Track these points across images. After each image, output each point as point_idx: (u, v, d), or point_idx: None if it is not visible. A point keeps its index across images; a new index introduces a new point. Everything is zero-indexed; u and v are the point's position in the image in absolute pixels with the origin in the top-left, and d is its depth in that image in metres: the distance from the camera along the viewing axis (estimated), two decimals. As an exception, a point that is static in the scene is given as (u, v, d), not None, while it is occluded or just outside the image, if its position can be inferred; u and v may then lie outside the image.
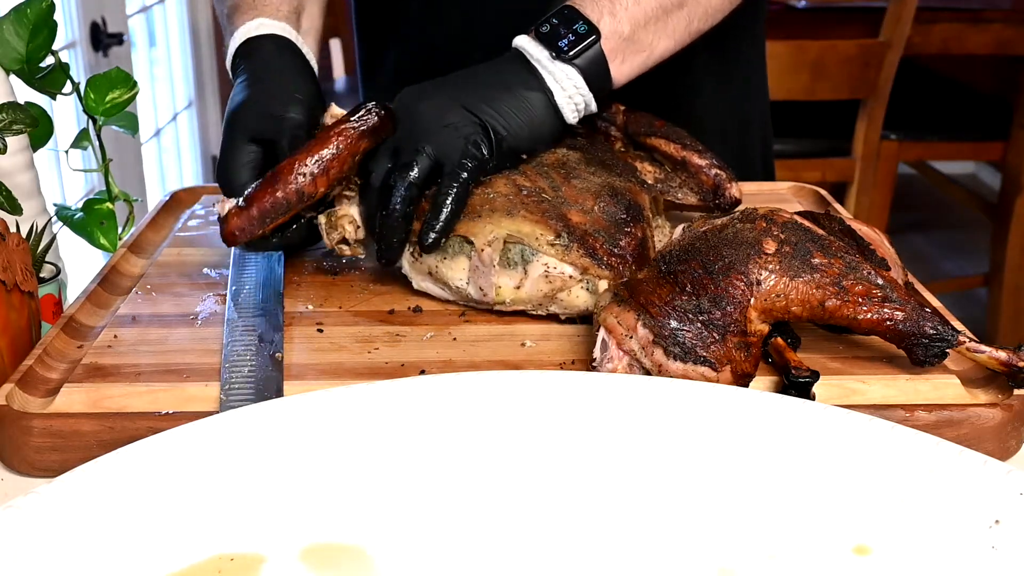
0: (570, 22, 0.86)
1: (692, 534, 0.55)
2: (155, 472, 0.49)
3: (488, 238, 0.79)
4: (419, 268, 0.83)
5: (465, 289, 0.81)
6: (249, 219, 0.80)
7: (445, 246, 0.80)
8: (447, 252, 0.81)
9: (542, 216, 0.79)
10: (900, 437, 0.58)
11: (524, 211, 0.79)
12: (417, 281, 0.84)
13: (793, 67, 2.44)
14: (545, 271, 0.78)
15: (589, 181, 0.84)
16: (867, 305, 0.69)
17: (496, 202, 0.81)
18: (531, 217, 0.79)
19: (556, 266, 0.78)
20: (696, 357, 0.67)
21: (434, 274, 0.82)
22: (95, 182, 1.87)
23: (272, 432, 0.57)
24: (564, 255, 0.78)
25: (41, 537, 0.50)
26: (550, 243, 0.78)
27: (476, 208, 0.80)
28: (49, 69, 0.94)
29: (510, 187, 0.82)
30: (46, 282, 0.85)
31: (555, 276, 0.78)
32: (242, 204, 0.81)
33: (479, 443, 0.60)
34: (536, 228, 0.78)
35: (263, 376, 0.70)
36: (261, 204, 0.80)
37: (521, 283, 0.79)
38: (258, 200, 0.80)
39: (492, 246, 0.79)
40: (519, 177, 0.83)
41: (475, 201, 0.81)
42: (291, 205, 0.81)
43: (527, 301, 0.80)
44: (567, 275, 0.78)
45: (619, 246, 0.79)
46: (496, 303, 0.80)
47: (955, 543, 0.52)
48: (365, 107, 0.82)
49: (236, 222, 0.80)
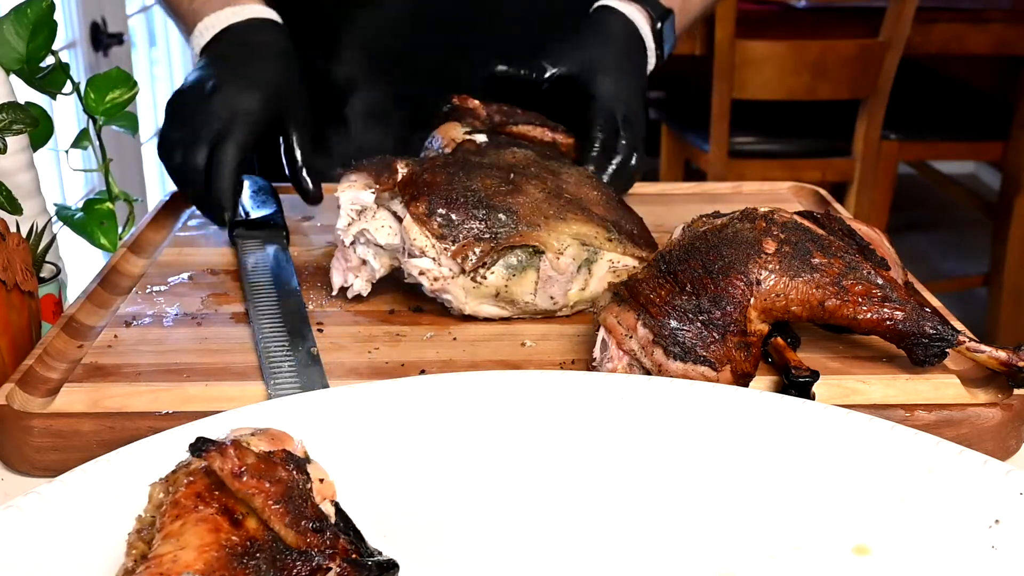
0: (672, 31, 1.06)
1: (692, 533, 0.55)
2: (155, 472, 0.49)
3: (560, 246, 0.78)
4: (480, 292, 0.78)
5: (533, 302, 0.79)
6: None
7: (510, 263, 0.77)
8: (514, 269, 0.77)
9: (586, 216, 0.80)
10: (900, 437, 0.58)
11: (570, 214, 0.80)
12: (472, 306, 0.79)
13: (793, 67, 2.44)
14: (611, 267, 0.80)
15: (570, 174, 0.85)
16: (867, 305, 0.69)
17: (542, 208, 0.79)
18: (580, 218, 0.80)
19: (619, 260, 0.80)
20: (696, 357, 0.67)
21: (501, 294, 0.78)
22: (95, 182, 1.87)
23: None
24: (624, 249, 0.80)
25: (41, 537, 0.50)
26: (608, 239, 0.80)
27: (529, 217, 0.78)
28: (49, 69, 0.93)
29: (539, 191, 0.81)
30: (46, 282, 0.85)
31: (621, 270, 0.80)
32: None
33: (479, 443, 0.60)
34: (592, 228, 0.80)
35: (304, 370, 0.71)
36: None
37: (587, 284, 0.80)
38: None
39: (567, 253, 0.78)
40: (537, 183, 0.82)
41: (524, 211, 0.78)
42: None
43: (589, 299, 0.81)
44: (631, 267, 0.80)
45: (640, 227, 0.83)
46: (559, 309, 0.81)
47: (955, 543, 0.52)
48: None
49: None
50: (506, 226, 0.77)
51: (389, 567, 0.48)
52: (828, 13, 2.73)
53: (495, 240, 0.76)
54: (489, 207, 0.77)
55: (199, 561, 0.42)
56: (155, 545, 0.44)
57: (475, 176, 0.80)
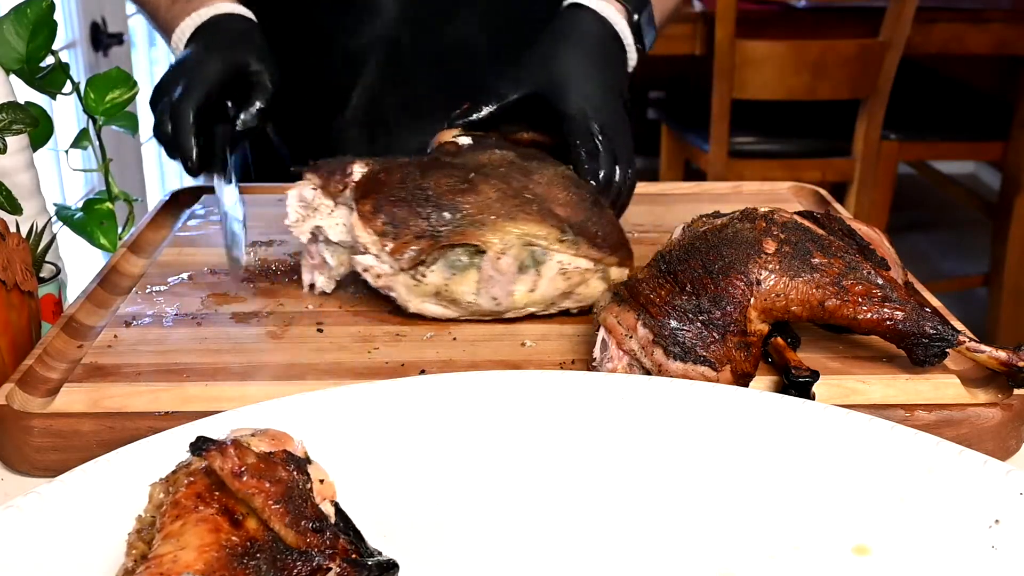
0: (650, 20, 1.01)
1: (692, 533, 0.55)
2: (155, 472, 0.49)
3: (503, 245, 0.77)
4: (421, 290, 0.78)
5: (476, 303, 0.78)
6: None
7: (451, 261, 0.77)
8: (454, 267, 0.77)
9: (540, 216, 0.78)
10: (900, 437, 0.58)
11: (522, 213, 0.78)
12: (415, 304, 0.79)
13: (793, 67, 2.44)
14: (561, 268, 0.78)
15: (544, 174, 0.82)
16: (867, 305, 0.69)
17: (493, 208, 0.78)
18: (532, 218, 0.78)
19: (571, 262, 0.78)
20: (696, 357, 0.67)
21: (442, 293, 0.78)
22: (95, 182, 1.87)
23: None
24: (576, 250, 0.78)
25: (41, 537, 0.50)
26: (560, 240, 0.78)
27: (475, 216, 0.77)
28: (49, 69, 0.94)
29: (495, 191, 0.79)
30: (46, 282, 0.85)
31: (572, 272, 0.78)
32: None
33: (479, 443, 0.60)
34: (542, 228, 0.78)
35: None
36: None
37: (535, 285, 0.78)
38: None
39: (509, 252, 0.77)
40: (497, 181, 0.80)
41: (471, 210, 0.77)
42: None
43: (540, 302, 0.79)
44: (583, 268, 0.78)
45: (607, 229, 0.80)
46: (506, 311, 0.79)
47: (955, 543, 0.52)
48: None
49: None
50: (449, 224, 0.76)
51: (389, 567, 0.48)
52: (828, 13, 2.73)
53: (436, 238, 0.76)
54: (435, 205, 0.77)
55: (199, 561, 0.42)
56: (155, 545, 0.44)
57: (431, 175, 0.79)
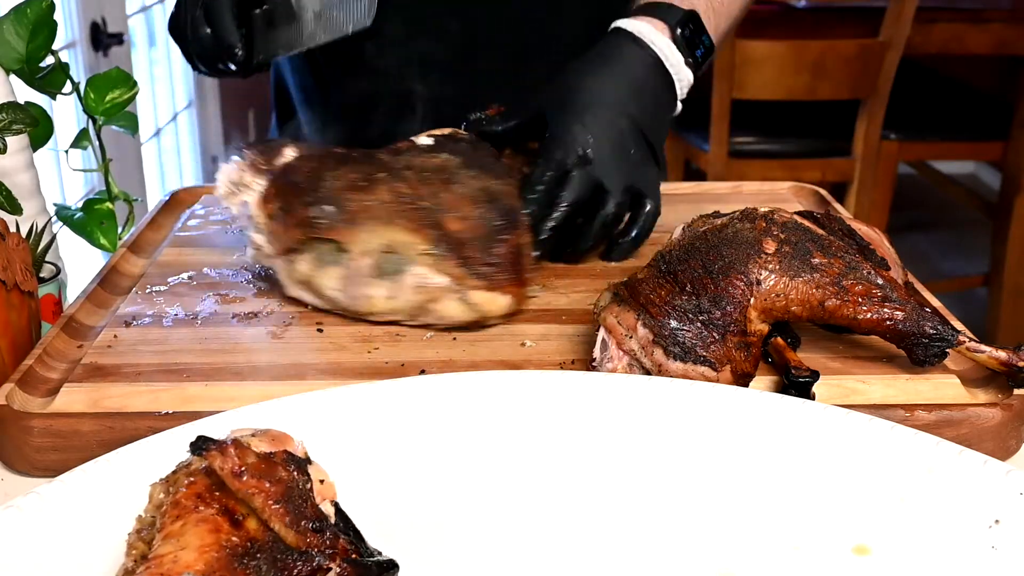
0: (699, 32, 0.97)
1: (692, 534, 0.55)
2: (155, 472, 0.49)
3: (364, 247, 0.77)
4: (294, 276, 0.80)
5: (338, 299, 0.79)
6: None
7: (320, 254, 0.78)
8: (322, 261, 0.78)
9: (419, 225, 0.77)
10: (900, 437, 0.58)
11: (401, 219, 0.77)
12: (292, 289, 0.81)
13: (793, 67, 2.44)
14: (418, 282, 0.77)
15: (468, 186, 0.81)
16: (867, 305, 0.69)
17: (374, 210, 0.78)
18: (408, 226, 0.77)
19: (430, 277, 0.77)
20: (696, 357, 0.67)
21: (311, 283, 0.79)
22: (95, 182, 1.87)
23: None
24: (438, 265, 0.76)
25: (41, 537, 0.50)
26: (424, 253, 0.76)
27: (353, 215, 0.77)
28: (49, 69, 0.94)
29: (391, 194, 0.79)
30: (46, 282, 0.85)
31: (428, 287, 0.77)
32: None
33: (479, 443, 0.60)
34: (412, 237, 0.77)
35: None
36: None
37: (395, 293, 0.77)
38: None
39: (367, 256, 0.77)
40: (400, 184, 0.80)
41: (353, 208, 0.78)
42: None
43: (401, 311, 0.78)
44: (440, 286, 0.77)
45: (494, 254, 0.77)
46: (368, 313, 0.79)
47: (955, 543, 0.52)
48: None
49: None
50: (326, 218, 0.78)
51: (389, 567, 0.48)
52: (828, 13, 2.73)
53: (309, 229, 0.78)
54: (323, 199, 0.79)
55: (199, 561, 0.42)
56: (155, 545, 0.44)
57: (343, 169, 0.81)
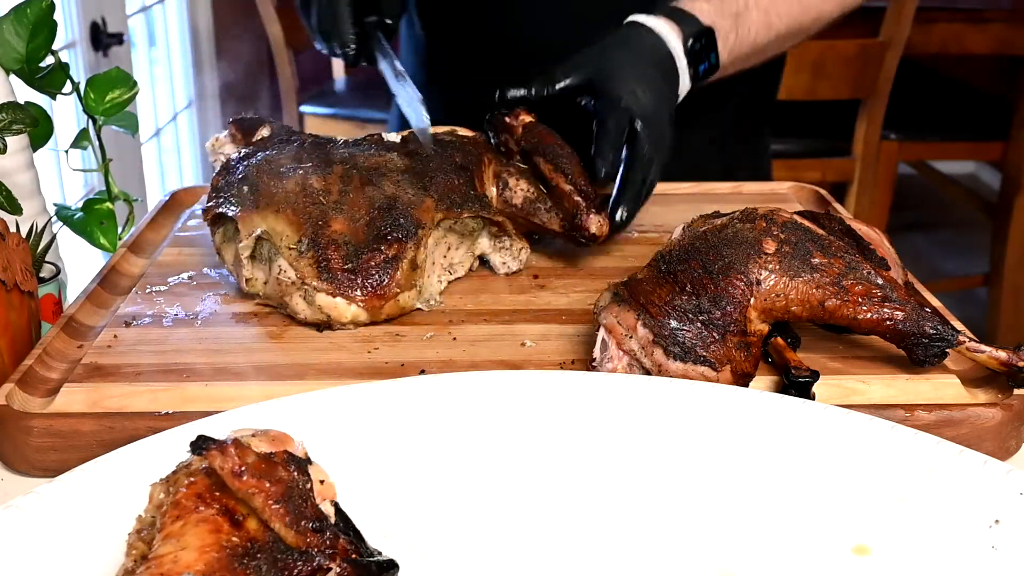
0: (709, 49, 1.00)
1: (692, 533, 0.55)
2: (155, 472, 0.49)
3: (248, 230, 0.80)
4: (215, 242, 0.86)
5: (234, 272, 0.84)
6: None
7: (229, 232, 0.84)
8: (226, 236, 0.84)
9: (303, 219, 0.79)
10: (900, 437, 0.58)
11: (292, 211, 0.80)
12: (222, 255, 0.87)
13: (793, 67, 2.44)
14: (278, 272, 0.79)
15: (381, 191, 0.82)
16: (867, 305, 0.69)
17: (277, 197, 0.81)
18: (291, 218, 0.80)
19: (286, 269, 0.78)
20: (696, 357, 0.67)
21: (222, 253, 0.85)
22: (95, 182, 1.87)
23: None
24: (295, 260, 0.78)
25: (41, 537, 0.50)
26: (290, 246, 0.78)
27: (257, 200, 0.81)
28: (49, 69, 0.93)
29: (299, 185, 0.82)
30: (46, 282, 0.85)
31: (283, 279, 0.79)
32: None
33: (479, 443, 0.60)
34: (288, 229, 0.79)
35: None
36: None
37: (268, 279, 0.81)
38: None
39: (248, 240, 0.80)
40: (317, 178, 0.82)
41: (261, 192, 0.82)
42: None
43: (272, 298, 0.81)
44: (289, 280, 0.78)
45: (361, 262, 0.78)
46: (256, 296, 0.83)
47: (955, 543, 0.52)
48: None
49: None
50: (243, 200, 0.82)
51: (389, 567, 0.48)
52: (828, 13, 2.73)
53: (222, 207, 0.83)
54: (250, 183, 0.83)
55: (200, 562, 0.42)
56: (155, 545, 0.44)
57: (284, 157, 0.85)
